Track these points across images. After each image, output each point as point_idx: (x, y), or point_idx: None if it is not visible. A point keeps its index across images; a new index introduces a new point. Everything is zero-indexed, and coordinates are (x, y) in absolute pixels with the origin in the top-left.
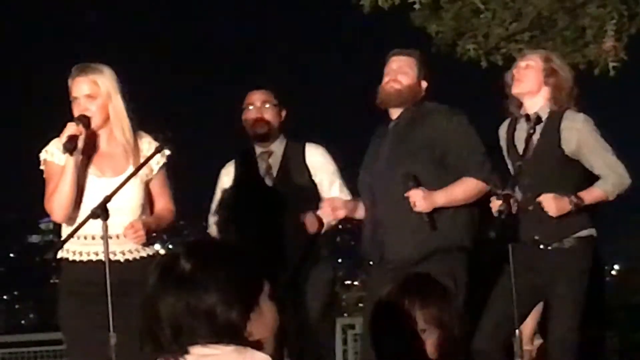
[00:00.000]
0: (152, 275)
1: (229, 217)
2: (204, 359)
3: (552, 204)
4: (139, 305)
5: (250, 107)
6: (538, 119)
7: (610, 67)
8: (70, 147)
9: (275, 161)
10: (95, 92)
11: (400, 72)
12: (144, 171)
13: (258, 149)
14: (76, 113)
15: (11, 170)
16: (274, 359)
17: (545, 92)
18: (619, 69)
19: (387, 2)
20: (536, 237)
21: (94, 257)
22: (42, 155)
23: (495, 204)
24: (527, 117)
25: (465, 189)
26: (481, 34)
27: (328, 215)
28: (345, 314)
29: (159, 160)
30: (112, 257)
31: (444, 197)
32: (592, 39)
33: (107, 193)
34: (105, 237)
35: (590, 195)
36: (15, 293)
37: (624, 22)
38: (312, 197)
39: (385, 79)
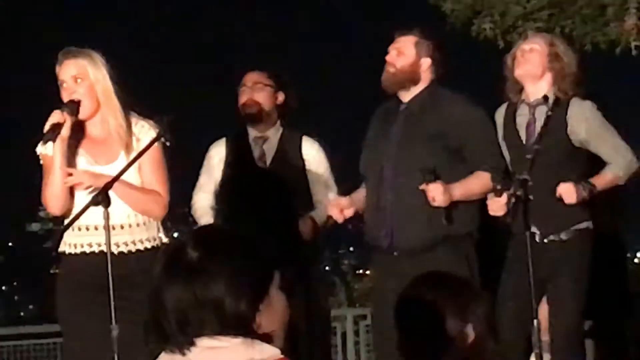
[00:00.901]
0: (157, 264)
1: (221, 202)
2: (210, 351)
3: (572, 191)
4: (145, 297)
5: (243, 89)
6: (546, 99)
7: (632, 47)
8: (51, 136)
9: (270, 148)
10: (83, 73)
11: (398, 54)
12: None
13: (252, 133)
14: (65, 99)
15: (9, 156)
16: (284, 353)
17: (548, 77)
18: None
19: None
20: (533, 230)
21: (87, 249)
22: (38, 150)
23: (497, 202)
24: (545, 98)
25: (482, 184)
26: (498, 12)
27: (337, 217)
28: (357, 304)
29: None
30: (104, 248)
31: (461, 191)
32: (613, 17)
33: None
34: (108, 225)
35: (603, 180)
36: (15, 284)
37: None
38: (304, 189)
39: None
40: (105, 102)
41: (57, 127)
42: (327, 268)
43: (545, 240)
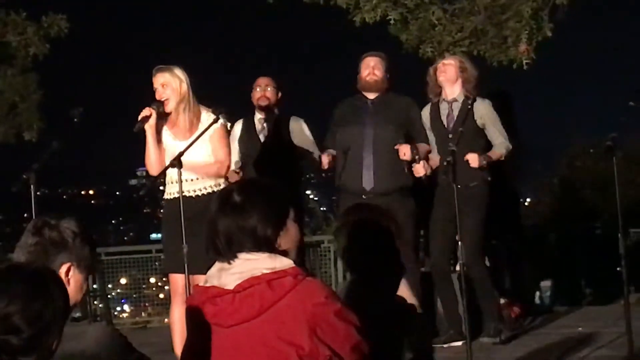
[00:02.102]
0: (213, 204)
1: (242, 159)
2: (247, 261)
3: (476, 159)
4: (205, 224)
5: (257, 88)
6: (455, 101)
7: (524, 64)
8: (140, 125)
9: (269, 125)
10: (168, 82)
11: (375, 68)
12: (207, 133)
13: (259, 116)
14: (157, 98)
15: (116, 130)
16: (296, 263)
17: (459, 82)
18: (530, 64)
19: (372, 18)
20: (450, 180)
21: (175, 196)
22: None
23: (419, 167)
24: (458, 97)
25: (426, 150)
26: (436, 41)
27: (325, 164)
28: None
29: (215, 126)
30: (186, 194)
31: (421, 151)
32: (512, 44)
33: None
34: (180, 180)
35: (494, 154)
36: (121, 219)
37: (533, 33)
38: (291, 149)
39: (366, 72)
40: (182, 100)
41: (146, 119)
42: (324, 208)
43: (459, 186)
